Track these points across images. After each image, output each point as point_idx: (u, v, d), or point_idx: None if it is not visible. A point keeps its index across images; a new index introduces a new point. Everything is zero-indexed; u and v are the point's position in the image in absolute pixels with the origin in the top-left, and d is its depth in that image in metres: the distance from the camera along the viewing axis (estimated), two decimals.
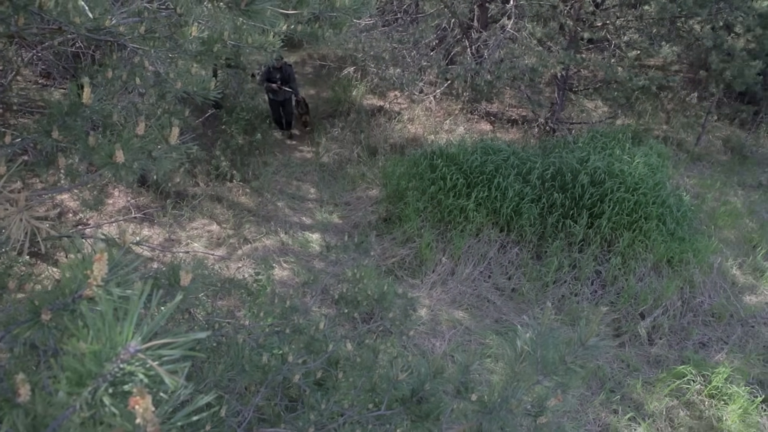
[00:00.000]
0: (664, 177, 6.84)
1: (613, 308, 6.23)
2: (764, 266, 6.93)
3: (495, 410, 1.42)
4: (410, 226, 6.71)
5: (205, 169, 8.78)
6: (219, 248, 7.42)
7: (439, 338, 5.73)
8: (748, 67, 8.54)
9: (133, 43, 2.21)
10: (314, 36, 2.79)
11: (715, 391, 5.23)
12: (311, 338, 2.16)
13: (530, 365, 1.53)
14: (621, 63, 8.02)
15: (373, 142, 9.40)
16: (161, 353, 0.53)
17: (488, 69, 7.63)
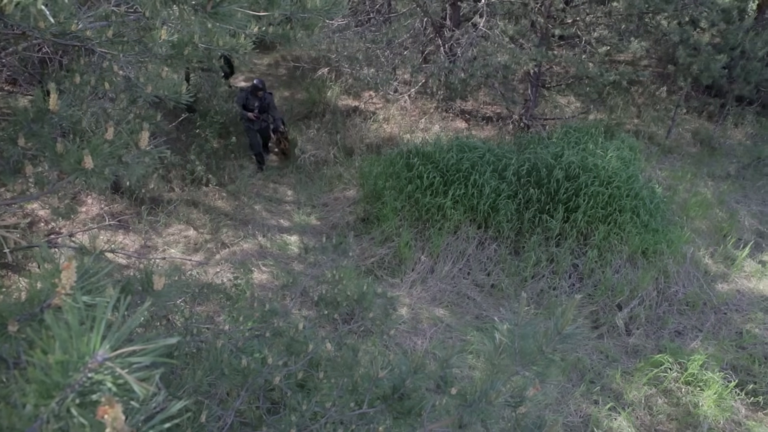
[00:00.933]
0: (636, 170, 6.96)
1: (591, 300, 6.32)
2: (734, 254, 7.10)
3: (475, 403, 1.43)
4: (388, 225, 6.72)
5: (180, 174, 8.67)
6: (196, 253, 7.33)
7: (421, 336, 5.74)
8: (713, 61, 8.73)
9: (101, 47, 2.17)
10: (286, 37, 2.78)
11: (691, 378, 5.33)
12: (291, 340, 2.14)
13: (509, 357, 1.55)
14: (592, 59, 8.14)
15: (349, 142, 9.39)
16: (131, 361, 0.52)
17: (462, 67, 7.67)
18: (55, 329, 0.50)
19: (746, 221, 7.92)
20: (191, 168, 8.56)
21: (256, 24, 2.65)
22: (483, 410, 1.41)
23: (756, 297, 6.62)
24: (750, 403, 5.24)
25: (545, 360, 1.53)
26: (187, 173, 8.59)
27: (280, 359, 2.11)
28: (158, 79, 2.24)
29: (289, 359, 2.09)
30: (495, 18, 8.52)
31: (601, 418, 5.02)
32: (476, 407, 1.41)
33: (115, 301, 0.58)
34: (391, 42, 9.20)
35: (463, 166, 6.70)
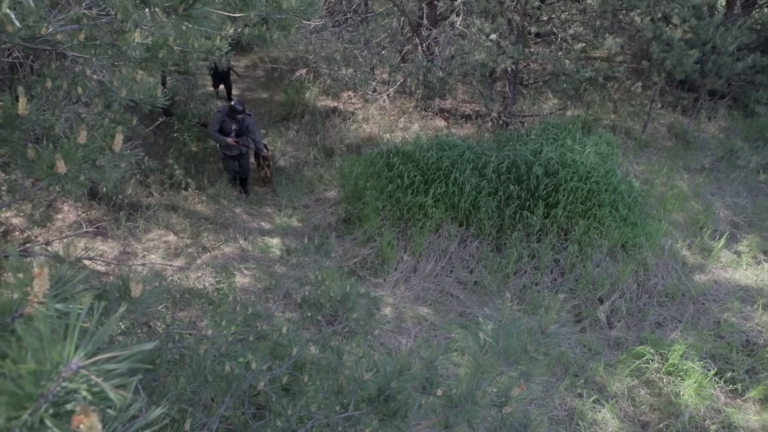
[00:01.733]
0: (614, 165, 7.05)
1: (573, 295, 6.38)
2: (711, 246, 7.22)
3: (460, 403, 1.43)
4: (370, 225, 6.71)
5: (158, 178, 8.57)
6: (177, 259, 7.25)
7: (405, 335, 5.75)
8: (686, 56, 8.88)
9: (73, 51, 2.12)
10: (262, 38, 2.75)
11: (672, 368, 5.41)
12: (275, 344, 2.13)
13: (493, 356, 1.55)
14: (568, 56, 8.22)
15: (329, 143, 9.36)
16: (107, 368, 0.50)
17: (439, 66, 7.70)
18: (26, 338, 0.49)
19: (721, 213, 8.07)
20: (170, 172, 8.46)
21: (232, 25, 2.62)
22: (469, 411, 1.41)
23: (732, 287, 6.74)
24: (729, 391, 5.33)
25: (530, 359, 1.53)
26: (165, 178, 8.49)
27: (264, 364, 2.09)
28: (133, 83, 2.21)
29: (273, 363, 2.07)
30: (472, 16, 8.56)
31: (586, 411, 5.07)
32: (462, 408, 1.41)
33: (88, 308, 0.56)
34: (369, 42, 9.20)
35: (444, 165, 6.72)
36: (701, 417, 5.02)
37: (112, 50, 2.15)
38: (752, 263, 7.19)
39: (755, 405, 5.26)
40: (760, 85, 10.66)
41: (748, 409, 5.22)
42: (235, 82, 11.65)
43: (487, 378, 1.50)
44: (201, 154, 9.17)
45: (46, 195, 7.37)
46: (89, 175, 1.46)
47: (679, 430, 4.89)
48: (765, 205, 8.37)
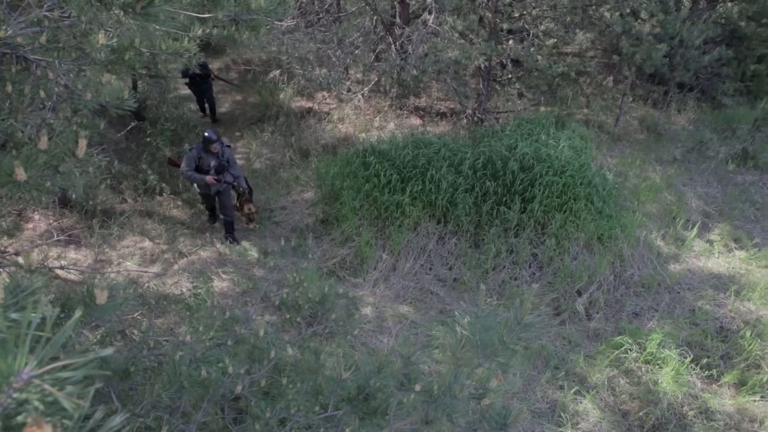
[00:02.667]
0: (588, 158, 7.13)
1: (552, 288, 6.44)
2: (684, 235, 7.36)
3: (439, 398, 1.42)
4: (348, 225, 6.69)
5: (131, 184, 8.44)
6: (153, 265, 7.14)
7: (386, 334, 5.74)
8: (654, 50, 9.03)
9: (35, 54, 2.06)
10: (231, 39, 2.72)
11: (650, 356, 5.50)
12: (253, 347, 2.10)
13: (471, 350, 1.55)
14: (540, 51, 8.29)
15: (304, 144, 9.31)
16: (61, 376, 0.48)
17: (413, 64, 7.70)
18: None
19: (693, 203, 8.22)
20: (143, 177, 8.33)
21: (200, 26, 2.58)
22: (448, 405, 1.41)
23: (705, 275, 6.87)
24: (705, 377, 5.44)
25: (507, 351, 1.54)
26: (139, 183, 8.37)
27: (242, 367, 2.06)
28: (98, 86, 2.16)
29: (251, 367, 2.04)
30: (444, 14, 8.59)
31: (567, 403, 5.12)
32: (441, 402, 1.41)
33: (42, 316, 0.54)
34: (342, 41, 9.17)
35: (420, 163, 6.73)
36: (679, 403, 5.11)
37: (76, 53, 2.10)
38: (724, 251, 7.35)
39: (730, 389, 5.37)
40: (726, 78, 10.89)
41: (724, 394, 5.33)
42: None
43: (465, 371, 1.50)
44: (175, 158, 9.04)
45: (14, 204, 7.21)
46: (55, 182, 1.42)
47: (658, 417, 4.96)
48: (734, 195, 8.55)
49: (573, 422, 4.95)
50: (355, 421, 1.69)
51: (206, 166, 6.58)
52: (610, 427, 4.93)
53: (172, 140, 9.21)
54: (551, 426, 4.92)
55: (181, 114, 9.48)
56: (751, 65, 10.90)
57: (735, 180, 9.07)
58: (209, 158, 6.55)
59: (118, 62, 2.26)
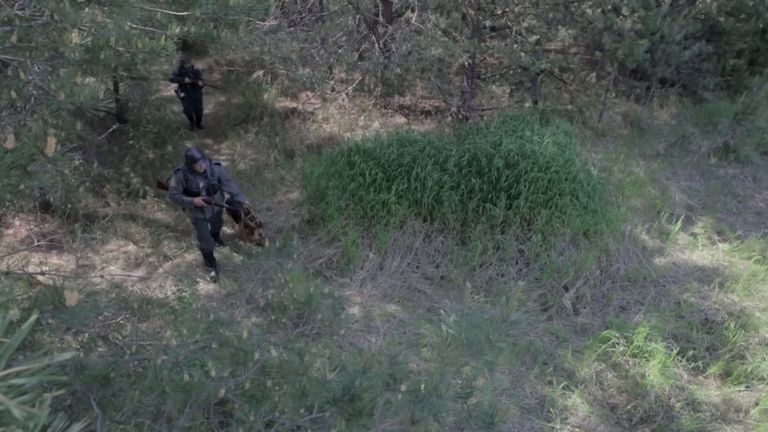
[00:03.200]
0: (572, 154, 7.16)
1: (539, 284, 6.46)
2: (668, 229, 7.41)
3: (425, 398, 1.40)
4: (334, 225, 6.65)
5: (114, 187, 8.34)
6: (138, 269, 7.06)
7: (374, 334, 5.71)
8: (636, 46, 9.09)
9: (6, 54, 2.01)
10: (210, 37, 2.67)
11: (637, 350, 5.53)
12: (236, 349, 2.07)
13: (457, 348, 1.53)
14: (523, 48, 8.31)
15: (289, 144, 9.26)
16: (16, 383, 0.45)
17: (397, 62, 7.68)
18: None
19: (676, 196, 8.29)
20: (126, 181, 8.24)
21: (178, 24, 2.53)
22: (434, 405, 1.39)
23: (690, 268, 6.94)
24: (691, 368, 5.48)
25: (494, 349, 1.52)
26: (122, 186, 8.27)
27: (225, 370, 2.03)
28: (73, 86, 2.10)
29: (235, 369, 2.01)
30: (427, 12, 8.58)
31: (556, 398, 5.14)
32: (427, 402, 1.39)
33: None
34: (326, 41, 9.12)
35: (405, 161, 6.71)
36: (666, 396, 5.14)
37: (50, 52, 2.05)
38: (707, 244, 7.42)
39: (716, 380, 5.42)
40: (707, 72, 11.01)
41: (710, 385, 5.37)
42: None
43: (451, 370, 1.48)
44: (158, 161, 8.95)
45: None
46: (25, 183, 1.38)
47: (646, 410, 4.99)
48: (717, 188, 8.64)
49: (562, 417, 4.97)
50: (341, 423, 1.67)
51: (194, 188, 5.92)
52: (599, 421, 4.95)
53: (155, 143, 9.11)
54: (540, 421, 4.93)
55: (163, 116, 9.37)
56: (730, 60, 11.04)
57: (717, 173, 9.16)
58: (197, 179, 5.89)
59: (93, 62, 2.21)
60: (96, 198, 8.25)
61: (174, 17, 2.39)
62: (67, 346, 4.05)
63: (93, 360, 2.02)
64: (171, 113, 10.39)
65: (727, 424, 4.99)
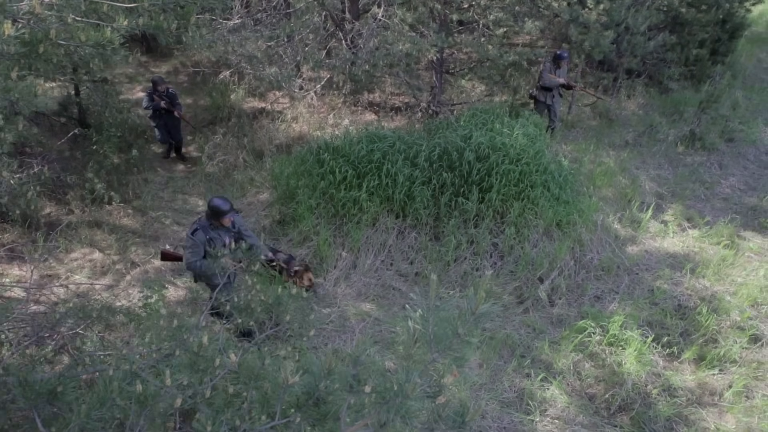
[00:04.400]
0: (542, 145, 7.15)
1: (514, 277, 6.43)
2: (639, 217, 7.47)
3: (391, 399, 1.32)
4: (305, 225, 6.53)
5: (78, 194, 8.09)
6: (104, 277, 6.85)
7: (349, 333, 5.62)
8: (602, 37, 9.15)
9: None
10: (160, 29, 2.54)
11: (613, 338, 5.54)
12: (195, 356, 1.95)
13: (424, 345, 1.44)
14: (491, 41, 8.29)
15: (258, 145, 9.10)
16: None
17: (364, 58, 7.59)
18: None
19: (646, 185, 8.36)
20: (90, 187, 7.98)
21: (126, 17, 2.40)
22: (400, 406, 1.30)
23: (662, 255, 6.99)
24: (666, 355, 5.51)
25: (462, 343, 1.44)
26: (86, 193, 8.01)
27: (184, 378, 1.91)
28: (8, 82, 1.95)
29: (193, 377, 1.89)
30: (393, 7, 8.50)
31: (535, 390, 5.11)
32: (392, 403, 1.30)
33: None
34: (292, 38, 8.98)
35: (375, 157, 6.62)
36: (643, 383, 5.16)
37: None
38: (678, 231, 7.49)
39: (690, 365, 5.46)
40: (671, 63, 11.15)
41: (685, 370, 5.41)
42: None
43: (418, 368, 1.39)
44: (124, 166, 8.71)
45: None
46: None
47: (624, 398, 5.00)
48: (685, 175, 8.75)
49: (541, 409, 4.94)
50: (306, 428, 1.57)
51: (219, 247, 4.39)
52: (578, 412, 4.94)
53: (120, 147, 8.86)
54: (520, 415, 4.89)
55: (126, 118, 9.11)
56: (693, 50, 11.19)
57: (685, 161, 9.28)
58: (222, 235, 4.62)
59: (32, 56, 2.06)
60: (59, 205, 7.99)
61: (121, 9, 2.26)
62: (28, 360, 3.87)
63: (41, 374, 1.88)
64: (137, 117, 10.13)
65: (702, 407, 5.02)
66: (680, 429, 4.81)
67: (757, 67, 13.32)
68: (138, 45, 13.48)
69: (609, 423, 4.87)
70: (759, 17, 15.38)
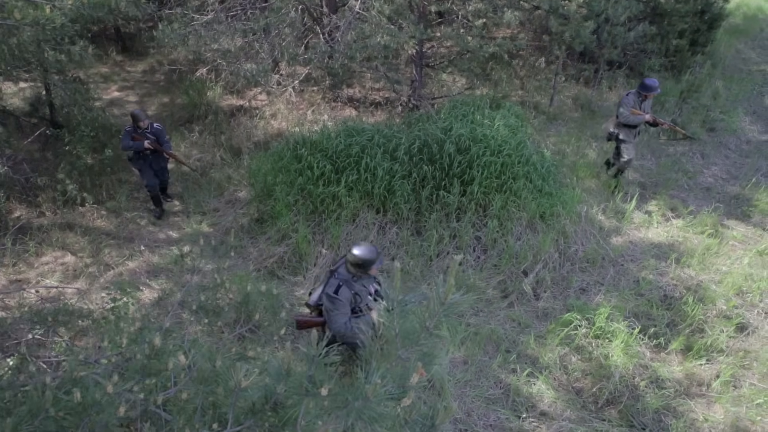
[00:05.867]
0: (524, 136, 7.03)
1: (497, 270, 6.31)
2: (623, 208, 7.39)
3: (350, 402, 1.17)
4: (283, 222, 6.35)
5: (50, 196, 7.84)
6: (77, 281, 6.63)
7: None
8: (582, 28, 9.07)
9: None
10: (106, 5, 2.37)
11: (599, 331, 5.44)
12: (147, 359, 1.79)
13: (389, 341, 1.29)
14: (470, 33, 8.16)
15: (236, 142, 8.90)
16: None
17: (341, 51, 7.42)
18: None
19: (629, 175, 8.30)
20: (62, 188, 7.74)
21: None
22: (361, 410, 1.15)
23: (647, 245, 6.92)
24: (653, 346, 5.43)
25: (431, 337, 1.29)
26: (58, 194, 7.77)
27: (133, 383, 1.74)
28: None
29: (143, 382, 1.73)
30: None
31: (521, 386, 4.99)
32: (352, 407, 1.16)
33: None
34: (269, 33, 8.78)
35: (353, 151, 6.45)
36: (630, 375, 5.07)
37: None
38: (662, 221, 7.43)
39: (678, 356, 5.38)
40: (652, 54, 11.12)
41: (672, 361, 5.32)
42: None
43: (383, 367, 1.24)
44: (98, 166, 8.46)
45: None
46: None
47: (612, 391, 4.90)
48: (667, 165, 8.70)
49: (528, 405, 4.82)
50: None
51: (367, 301, 4.07)
52: (565, 407, 4.82)
53: (94, 147, 8.61)
54: (506, 411, 4.77)
55: (96, 116, 8.83)
56: (673, 40, 11.17)
57: (667, 151, 9.24)
58: (367, 286, 4.12)
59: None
60: (29, 208, 7.74)
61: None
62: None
63: None
64: (111, 116, 9.87)
65: (690, 398, 4.94)
66: (669, 421, 4.72)
67: (736, 57, 13.35)
68: (113, 44, 13.21)
69: (597, 417, 4.76)
70: (736, 9, 15.45)
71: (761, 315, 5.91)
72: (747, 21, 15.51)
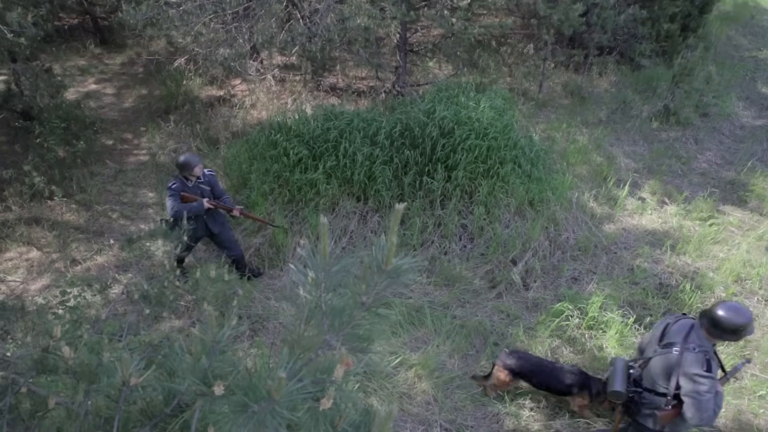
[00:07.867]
0: (511, 119, 6.70)
1: (485, 260, 6.01)
2: (616, 195, 7.10)
3: (247, 405, 0.85)
4: (259, 211, 6.01)
5: (17, 190, 7.47)
6: (42, 277, 6.28)
7: None
8: (571, 11, 8.76)
9: None
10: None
11: (593, 321, 5.15)
12: (41, 355, 1.46)
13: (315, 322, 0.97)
14: (455, 15, 7.83)
15: (213, 132, 8.54)
16: None
17: (320, 34, 7.07)
18: None
19: (622, 162, 8.02)
20: (29, 181, 7.37)
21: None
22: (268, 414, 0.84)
23: (640, 232, 6.63)
24: None
25: (369, 316, 0.96)
26: (25, 188, 7.40)
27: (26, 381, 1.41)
28: None
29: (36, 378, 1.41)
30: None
31: None
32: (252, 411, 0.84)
33: None
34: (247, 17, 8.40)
35: (331, 136, 6.10)
36: None
37: None
38: (656, 207, 7.15)
39: None
40: (642, 38, 10.83)
41: None
42: None
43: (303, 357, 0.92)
44: (69, 159, 8.09)
45: None
46: None
47: None
48: (660, 151, 8.43)
49: (517, 402, 4.52)
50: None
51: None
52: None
53: (66, 139, 8.22)
54: (495, 407, 4.47)
55: (67, 108, 8.44)
56: (664, 25, 10.89)
57: (660, 137, 8.96)
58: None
59: None
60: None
61: None
62: None
63: None
64: (87, 109, 9.49)
65: None
66: None
67: (727, 44, 13.10)
68: (91, 36, 12.80)
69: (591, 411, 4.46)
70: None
71: (761, 302, 5.64)
72: (737, 8, 15.27)
